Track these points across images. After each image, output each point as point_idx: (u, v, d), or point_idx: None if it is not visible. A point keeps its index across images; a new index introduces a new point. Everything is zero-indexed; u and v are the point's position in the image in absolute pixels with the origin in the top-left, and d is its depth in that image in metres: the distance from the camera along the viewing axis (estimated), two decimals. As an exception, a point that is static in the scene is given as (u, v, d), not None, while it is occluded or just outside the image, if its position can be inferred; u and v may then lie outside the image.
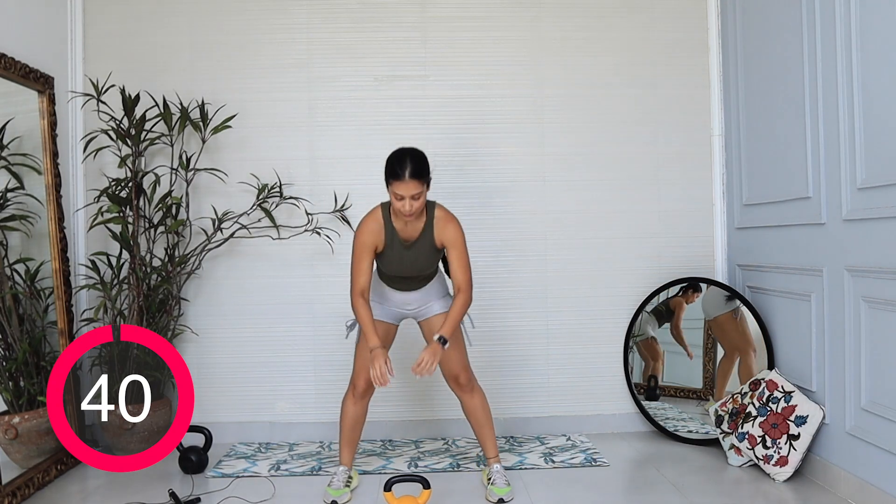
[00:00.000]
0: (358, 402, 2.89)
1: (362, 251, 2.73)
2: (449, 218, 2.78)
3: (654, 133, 3.74)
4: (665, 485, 2.93)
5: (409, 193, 2.62)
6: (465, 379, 2.89)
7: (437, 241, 2.77)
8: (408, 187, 2.62)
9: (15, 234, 3.11)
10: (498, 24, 3.72)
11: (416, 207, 2.66)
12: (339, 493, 2.82)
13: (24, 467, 2.92)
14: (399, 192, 2.63)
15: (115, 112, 3.44)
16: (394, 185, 2.64)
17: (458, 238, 2.76)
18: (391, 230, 2.76)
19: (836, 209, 2.76)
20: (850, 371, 2.70)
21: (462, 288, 2.76)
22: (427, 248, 2.78)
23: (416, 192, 2.63)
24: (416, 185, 2.63)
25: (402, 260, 2.78)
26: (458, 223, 2.79)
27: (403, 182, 2.61)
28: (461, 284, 2.77)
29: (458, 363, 2.88)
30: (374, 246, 2.75)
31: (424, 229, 2.76)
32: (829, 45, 2.76)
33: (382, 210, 2.79)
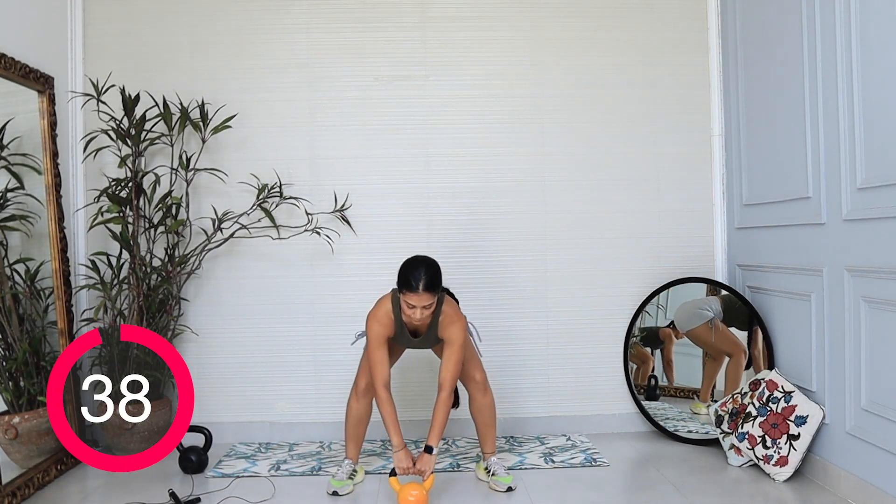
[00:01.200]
0: (360, 399, 2.96)
1: (376, 342, 2.81)
2: (454, 319, 2.83)
3: (654, 133, 3.74)
4: (665, 485, 2.93)
5: (420, 304, 2.69)
6: (481, 377, 2.99)
7: (440, 334, 2.87)
8: (420, 299, 2.68)
9: (15, 234, 3.11)
10: (498, 24, 3.72)
11: (426, 316, 2.75)
12: (342, 484, 2.86)
13: (24, 467, 2.92)
14: (411, 302, 2.70)
15: (115, 112, 3.44)
16: (406, 295, 2.70)
17: (458, 339, 2.82)
18: (400, 322, 2.84)
19: (836, 209, 2.76)
20: (850, 371, 2.70)
21: (445, 387, 2.81)
22: (433, 337, 2.90)
23: (427, 303, 2.70)
24: (429, 297, 2.70)
25: (409, 343, 2.94)
26: (462, 325, 2.84)
27: (416, 294, 2.68)
28: (445, 383, 2.81)
29: (472, 364, 2.98)
30: (386, 336, 2.83)
31: (430, 324, 2.84)
32: (829, 45, 2.76)
33: (392, 301, 2.84)
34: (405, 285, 2.70)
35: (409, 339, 2.90)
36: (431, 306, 2.72)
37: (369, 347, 2.82)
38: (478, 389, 2.99)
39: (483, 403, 3.00)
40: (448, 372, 2.81)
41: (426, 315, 2.73)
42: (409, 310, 2.72)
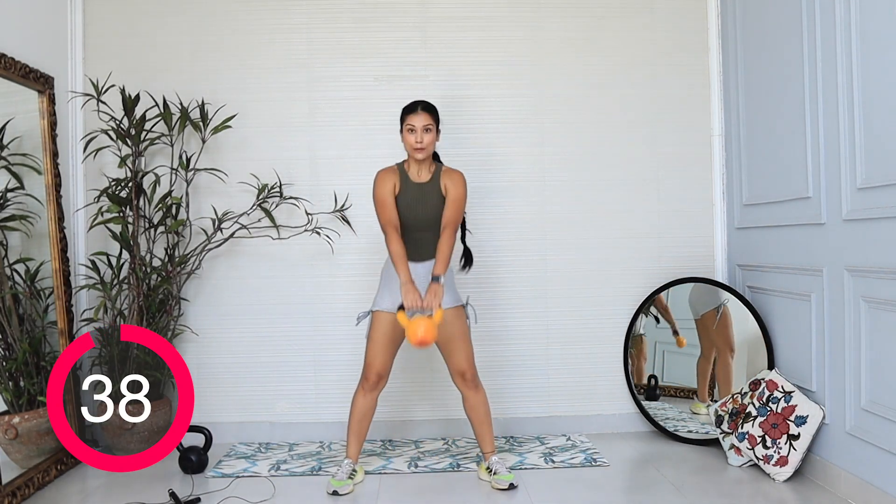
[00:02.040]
0: (368, 394, 2.96)
1: (383, 195, 2.94)
2: (454, 169, 3.03)
3: (654, 133, 3.74)
4: (665, 485, 2.93)
5: (420, 124, 2.90)
6: (470, 375, 2.97)
7: (442, 185, 2.97)
8: (420, 118, 2.91)
9: (15, 234, 3.11)
10: (498, 24, 3.72)
11: (427, 141, 2.91)
12: (342, 483, 2.86)
13: (24, 467, 2.92)
14: (412, 122, 2.91)
15: (115, 112, 3.44)
16: (407, 118, 2.93)
17: (460, 187, 2.97)
18: (404, 173, 2.99)
19: (836, 209, 2.76)
20: (850, 371, 2.70)
21: (448, 226, 2.93)
22: (435, 191, 2.97)
23: (427, 124, 2.91)
24: (427, 117, 2.92)
25: (415, 203, 2.96)
26: (462, 175, 3.00)
27: (416, 113, 2.92)
28: (449, 221, 2.94)
29: (465, 359, 2.96)
30: (392, 186, 2.95)
31: (433, 176, 2.99)
32: (829, 45, 2.76)
33: (398, 164, 3.04)
34: (406, 110, 2.96)
35: (414, 191, 2.94)
36: (431, 130, 2.91)
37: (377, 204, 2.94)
38: (468, 387, 2.98)
39: (476, 401, 2.99)
40: (451, 214, 2.94)
41: (427, 142, 2.90)
42: (410, 136, 2.91)
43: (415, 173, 2.99)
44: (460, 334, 2.95)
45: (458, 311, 2.97)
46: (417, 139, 2.90)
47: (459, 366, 2.96)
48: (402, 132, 2.96)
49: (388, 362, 2.97)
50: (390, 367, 2.99)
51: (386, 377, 2.98)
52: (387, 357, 2.96)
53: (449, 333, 2.94)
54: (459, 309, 2.98)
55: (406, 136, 2.94)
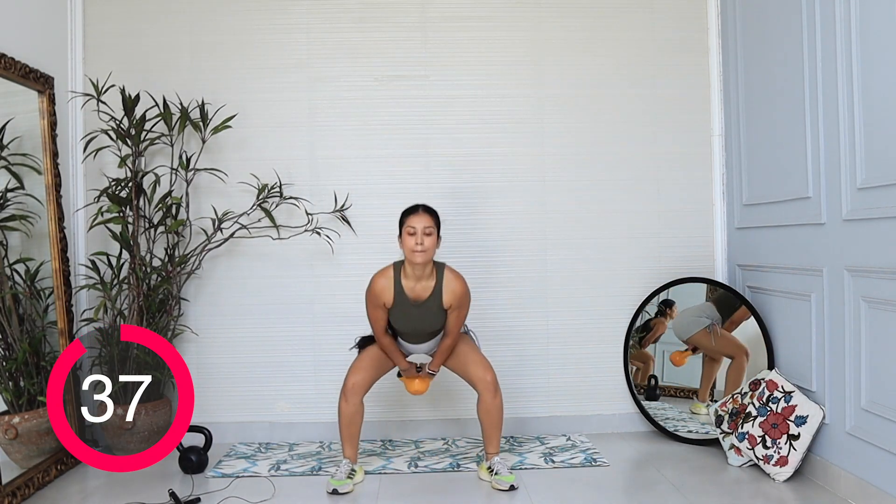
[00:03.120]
0: (349, 400, 2.97)
1: (373, 308, 2.92)
2: (458, 279, 2.91)
3: (654, 133, 3.74)
4: (665, 485, 2.93)
5: (421, 225, 2.81)
6: (491, 378, 3.00)
7: (445, 301, 2.90)
8: (420, 219, 2.82)
9: (15, 234, 3.11)
10: (498, 24, 3.72)
11: (428, 245, 2.79)
12: (341, 483, 2.87)
13: (24, 467, 2.92)
14: (412, 224, 2.82)
15: (115, 112, 3.44)
16: (407, 219, 2.85)
17: (465, 302, 2.91)
18: (399, 289, 2.88)
19: (836, 209, 2.76)
20: (850, 371, 2.70)
21: (450, 334, 2.95)
22: (435, 308, 2.91)
23: (427, 226, 2.81)
24: (429, 219, 2.83)
25: (409, 317, 2.92)
26: (467, 287, 2.92)
27: (416, 215, 2.84)
28: (451, 330, 2.95)
29: (481, 367, 3.01)
30: (383, 303, 2.89)
31: (434, 290, 2.88)
32: (829, 45, 2.76)
33: (394, 269, 2.92)
34: (405, 213, 2.88)
35: (409, 307, 2.90)
36: (431, 234, 2.81)
37: (368, 314, 2.94)
38: (488, 391, 2.98)
39: (493, 405, 2.99)
40: (453, 324, 2.92)
41: (427, 245, 2.79)
42: (410, 238, 2.81)
43: (411, 286, 2.88)
44: (468, 350, 3.02)
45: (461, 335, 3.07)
46: (418, 241, 2.79)
47: (478, 374, 2.99)
48: (402, 235, 2.85)
49: (369, 380, 3.01)
50: (370, 384, 3.03)
51: (364, 389, 3.00)
52: (368, 376, 3.00)
53: (457, 353, 3.04)
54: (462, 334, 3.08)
55: (405, 239, 2.83)
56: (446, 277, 2.90)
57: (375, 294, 2.90)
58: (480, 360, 3.02)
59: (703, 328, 3.47)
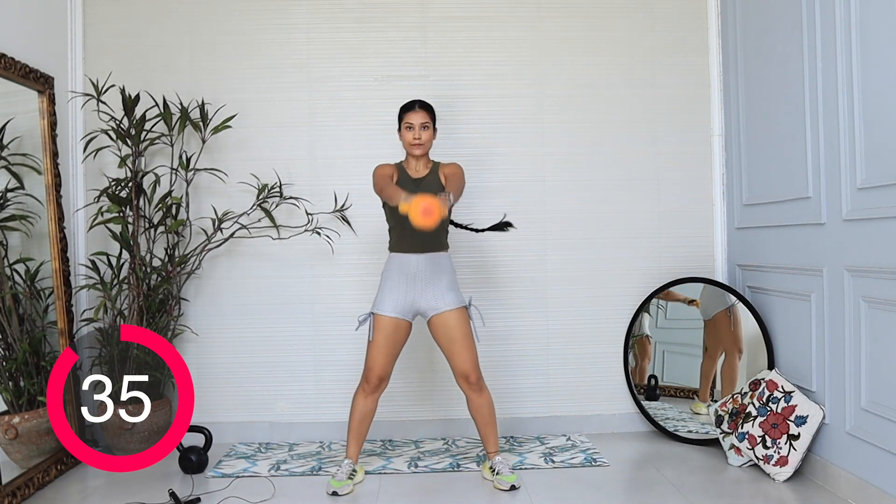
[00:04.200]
0: (369, 396, 2.95)
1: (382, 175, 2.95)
2: (452, 162, 3.09)
3: (654, 133, 3.74)
4: (665, 485, 2.93)
5: (418, 121, 2.96)
6: (475, 377, 2.96)
7: (441, 176, 3.02)
8: (417, 115, 2.97)
9: (15, 234, 3.11)
10: (498, 24, 3.72)
11: (425, 138, 2.97)
12: (341, 484, 2.86)
13: (24, 467, 2.92)
14: (410, 120, 2.97)
15: (115, 112, 3.44)
16: (406, 116, 2.99)
17: (457, 167, 3.02)
18: (402, 169, 3.03)
19: (836, 209, 2.76)
20: (850, 371, 2.70)
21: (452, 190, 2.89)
22: (434, 181, 3.00)
23: (424, 121, 2.96)
24: (425, 114, 2.98)
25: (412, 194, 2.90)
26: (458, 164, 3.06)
27: (414, 111, 2.98)
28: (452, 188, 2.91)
29: (469, 362, 2.94)
30: (391, 172, 2.98)
31: (430, 170, 3.04)
32: (829, 45, 2.76)
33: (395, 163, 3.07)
34: (403, 109, 3.01)
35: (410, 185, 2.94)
36: (428, 128, 2.97)
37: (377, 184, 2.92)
38: (473, 390, 2.97)
39: (480, 403, 2.98)
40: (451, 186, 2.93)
41: (425, 138, 2.96)
42: (408, 133, 2.97)
43: (413, 170, 3.02)
44: (463, 336, 2.93)
45: (461, 312, 2.94)
46: (416, 135, 2.95)
47: (463, 368, 2.94)
48: (401, 130, 3.01)
49: (390, 365, 2.96)
50: (391, 370, 2.98)
51: (387, 380, 2.98)
52: (388, 360, 2.95)
53: (451, 334, 2.93)
54: (462, 310, 2.95)
55: (404, 133, 2.99)
56: (441, 164, 3.06)
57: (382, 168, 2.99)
58: (469, 356, 2.93)
59: (725, 308, 3.45)
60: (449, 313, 2.92)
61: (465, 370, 2.94)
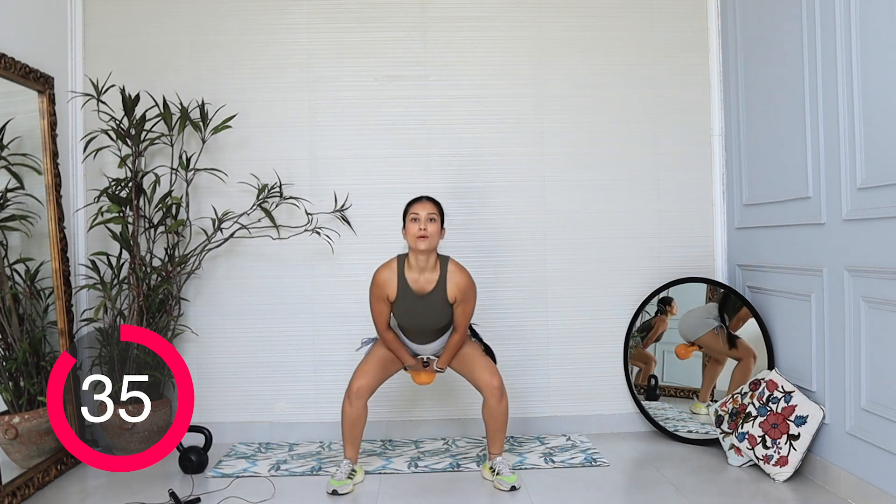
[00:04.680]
0: (353, 403, 2.96)
1: (377, 301, 2.91)
2: (462, 271, 2.91)
3: (654, 133, 3.74)
4: (665, 485, 2.93)
5: (424, 212, 2.84)
6: (498, 383, 2.97)
7: (449, 293, 2.89)
8: (423, 207, 2.86)
9: (15, 234, 3.11)
10: (498, 24, 3.72)
11: (431, 231, 2.81)
12: (341, 483, 2.87)
13: (24, 467, 2.92)
14: (416, 211, 2.85)
15: (115, 112, 3.44)
16: (411, 208, 2.88)
17: (470, 295, 2.90)
18: (403, 282, 2.88)
19: (836, 209, 2.76)
20: (850, 371, 2.70)
21: (459, 329, 2.95)
22: (440, 300, 2.89)
23: (431, 213, 2.84)
24: (432, 207, 2.87)
25: (414, 311, 2.91)
26: (471, 279, 2.91)
27: (420, 203, 2.87)
28: (460, 324, 2.95)
29: (488, 372, 2.99)
30: (386, 295, 2.88)
31: (438, 282, 2.88)
32: (829, 45, 2.76)
33: (398, 261, 2.92)
34: (410, 203, 2.91)
35: (413, 300, 2.89)
36: (435, 221, 2.85)
37: (371, 306, 2.93)
38: (494, 395, 2.97)
39: (498, 409, 2.98)
40: (461, 319, 2.92)
41: (431, 232, 2.82)
42: (413, 225, 2.83)
43: (415, 278, 2.88)
44: (477, 356, 3.01)
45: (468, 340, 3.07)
46: (421, 226, 2.81)
47: (485, 379, 2.97)
48: (406, 225, 2.88)
49: (375, 382, 2.99)
50: (376, 387, 3.01)
51: (368, 393, 2.98)
52: (374, 379, 2.99)
53: (465, 359, 3.02)
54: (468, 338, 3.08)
55: (409, 226, 2.85)
56: (450, 270, 2.89)
57: (379, 286, 2.89)
58: (487, 366, 2.99)
59: (712, 329, 3.47)
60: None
61: (489, 380, 2.97)
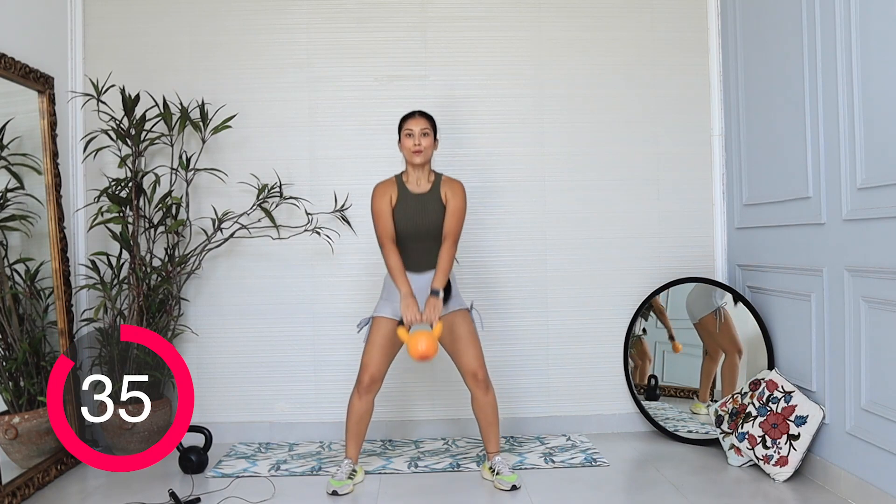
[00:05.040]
0: (363, 396, 2.95)
1: (380, 208, 2.96)
2: (454, 180, 3.05)
3: (654, 133, 3.74)
4: (665, 485, 2.93)
5: (418, 128, 2.94)
6: (482, 375, 2.98)
7: (442, 195, 2.98)
8: (417, 122, 2.96)
9: (15, 234, 3.11)
10: (498, 24, 3.72)
11: (425, 145, 2.94)
12: (341, 483, 2.87)
13: (24, 467, 2.92)
14: (410, 127, 2.95)
15: (115, 112, 3.44)
16: (405, 123, 2.98)
17: (460, 197, 2.99)
18: (402, 185, 3.00)
19: (836, 209, 2.76)
20: (850, 371, 2.70)
21: (448, 237, 2.97)
22: (435, 201, 2.97)
23: (424, 128, 2.95)
24: (425, 121, 2.97)
25: (413, 213, 2.96)
26: (462, 186, 3.03)
27: (413, 118, 2.97)
28: (450, 232, 2.97)
29: (474, 359, 2.98)
30: (389, 198, 2.96)
31: (432, 186, 3.00)
32: (829, 45, 2.76)
33: (395, 176, 3.05)
34: (403, 118, 3.00)
35: (412, 202, 2.95)
36: (428, 135, 2.95)
37: (374, 218, 2.97)
38: (479, 387, 2.98)
39: (485, 402, 2.99)
40: (450, 225, 2.96)
41: (425, 145, 2.93)
42: (408, 140, 2.94)
43: (413, 183, 2.99)
44: (467, 335, 2.97)
45: (464, 314, 2.99)
46: (416, 142, 2.93)
47: (470, 366, 2.97)
48: (401, 140, 2.99)
49: (383, 367, 2.98)
50: (385, 371, 2.99)
51: (380, 381, 2.98)
52: (382, 361, 2.97)
53: (456, 336, 2.98)
54: (465, 312, 3.00)
55: (404, 141, 2.97)
56: (444, 179, 3.03)
57: (380, 192, 2.97)
58: (476, 354, 2.98)
59: (713, 312, 3.46)
60: (452, 315, 2.96)
61: (473, 368, 2.96)
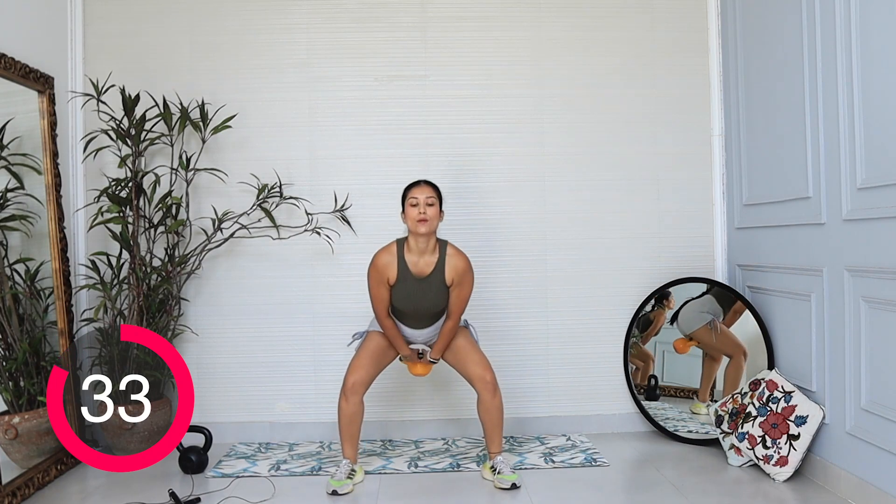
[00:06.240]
0: (349, 398, 2.96)
1: (376, 284, 2.93)
2: (461, 254, 2.94)
3: (654, 133, 3.74)
4: (665, 485, 2.93)
5: (423, 196, 2.87)
6: (490, 377, 3.00)
7: (447, 276, 2.91)
8: (422, 190, 2.88)
9: (15, 234, 3.11)
10: (498, 24, 3.72)
11: (430, 214, 2.83)
12: (341, 483, 2.87)
13: (24, 467, 2.92)
14: (415, 195, 2.88)
15: (115, 112, 3.44)
16: (410, 192, 2.90)
17: (467, 279, 2.92)
18: (403, 265, 2.89)
19: (836, 209, 2.76)
20: (850, 371, 2.70)
21: (452, 315, 2.96)
22: (438, 283, 2.91)
23: (429, 196, 2.87)
24: (430, 190, 2.90)
25: (412, 295, 2.92)
26: (469, 263, 2.94)
27: (419, 187, 2.90)
28: (454, 311, 2.96)
29: (480, 365, 3.01)
30: (387, 278, 2.90)
31: (437, 265, 2.90)
32: (829, 45, 2.76)
33: (397, 245, 2.94)
34: (408, 187, 2.93)
35: (412, 283, 2.90)
36: (434, 205, 2.87)
37: (370, 291, 2.95)
38: (487, 390, 2.98)
39: (492, 404, 2.99)
40: (455, 305, 2.93)
41: (430, 215, 2.84)
42: (412, 209, 2.86)
43: (415, 261, 2.91)
44: (467, 344, 3.02)
45: (462, 329, 3.08)
46: (420, 211, 2.84)
47: (479, 373, 2.99)
48: (404, 209, 2.91)
49: (369, 377, 3.00)
50: (371, 379, 3.02)
51: (365, 386, 2.99)
52: (371, 368, 3.00)
53: (456, 349, 3.03)
54: (462, 328, 3.09)
55: (408, 210, 2.88)
56: (449, 253, 2.93)
57: (379, 270, 2.91)
58: (480, 360, 3.01)
59: (706, 324, 3.47)
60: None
61: (482, 374, 2.99)
